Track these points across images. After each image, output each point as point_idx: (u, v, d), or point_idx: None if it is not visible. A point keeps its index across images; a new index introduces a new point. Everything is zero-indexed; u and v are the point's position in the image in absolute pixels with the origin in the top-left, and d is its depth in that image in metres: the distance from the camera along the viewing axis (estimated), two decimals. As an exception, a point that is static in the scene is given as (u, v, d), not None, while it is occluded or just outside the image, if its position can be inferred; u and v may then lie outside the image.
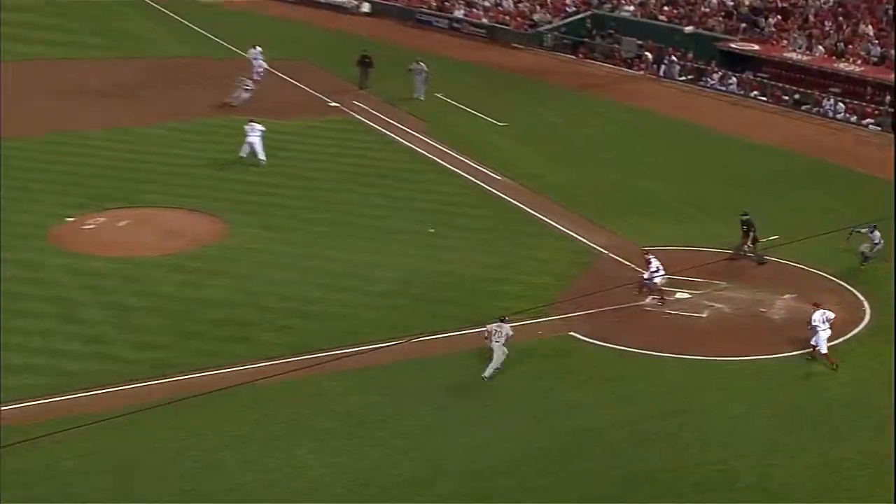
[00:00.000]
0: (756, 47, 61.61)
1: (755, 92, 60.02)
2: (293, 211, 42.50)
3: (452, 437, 28.00)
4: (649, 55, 64.57)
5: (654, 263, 34.97)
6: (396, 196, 44.39)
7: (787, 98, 58.48)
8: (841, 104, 56.23)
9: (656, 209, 43.49)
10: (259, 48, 59.91)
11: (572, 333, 33.13)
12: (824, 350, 31.13)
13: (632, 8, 69.05)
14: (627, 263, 37.14)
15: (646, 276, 34.96)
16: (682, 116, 55.95)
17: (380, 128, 53.37)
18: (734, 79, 60.81)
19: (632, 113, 56.94)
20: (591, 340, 32.80)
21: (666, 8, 67.63)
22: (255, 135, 47.42)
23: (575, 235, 40.59)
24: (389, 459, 27.09)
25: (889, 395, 29.64)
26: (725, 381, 30.98)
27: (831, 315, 31.56)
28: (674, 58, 63.48)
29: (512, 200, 44.14)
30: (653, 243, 39.00)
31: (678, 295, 35.66)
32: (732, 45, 62.28)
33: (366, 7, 78.05)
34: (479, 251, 39.06)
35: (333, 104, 56.83)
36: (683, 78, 63.02)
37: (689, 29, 64.52)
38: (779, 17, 62.93)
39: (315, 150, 49.82)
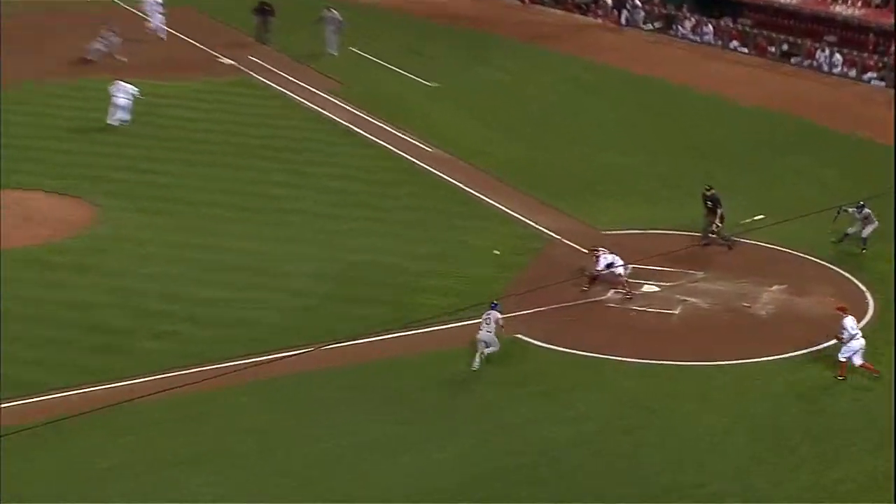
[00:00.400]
0: (737, -12, 62.57)
1: (735, 42, 60.93)
2: (178, 192, 42.45)
3: (380, 461, 28.21)
4: (609, -1, 65.36)
5: (604, 260, 35.40)
6: (305, 172, 44.53)
7: (773, 49, 59.47)
8: (838, 55, 57.26)
9: (618, 186, 44.03)
10: None
11: (519, 336, 33.50)
12: (860, 361, 31.59)
13: (587, -59, 69.73)
14: (585, 251, 37.61)
15: (597, 268, 35.45)
16: (648, 73, 56.54)
17: (283, 89, 53.38)
18: (710, 26, 61.67)
19: (588, 69, 57.46)
20: (541, 344, 33.22)
21: (628, -59, 68.40)
22: (122, 96, 47.32)
23: (521, 218, 41.05)
24: (300, 492, 27.21)
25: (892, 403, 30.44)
26: (702, 389, 31.51)
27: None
28: (638, 2, 64.21)
29: (445, 177, 44.49)
30: (614, 227, 39.67)
31: (645, 288, 36.24)
32: (709, -14, 63.20)
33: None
34: (406, 238, 39.37)
35: (227, 61, 56.73)
36: (650, 26, 63.82)
37: (656, -34, 65.36)
38: (763, -49, 63.93)
39: (204, 118, 49.74)
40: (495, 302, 32.20)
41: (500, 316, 31.84)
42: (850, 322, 31.79)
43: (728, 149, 47.75)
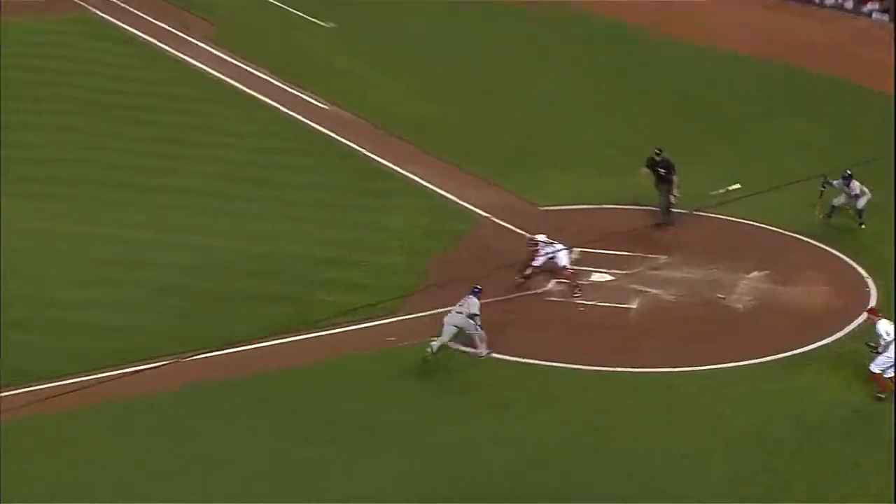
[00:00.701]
0: None
1: (707, -30, 61.44)
2: (15, 165, 42.18)
3: (272, 495, 28.39)
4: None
5: (545, 252, 35.71)
6: (176, 139, 44.47)
7: (752, -22, 60.10)
8: (833, -16, 58.14)
9: (562, 153, 44.43)
10: None
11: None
12: (893, 373, 31.92)
13: None
14: (521, 233, 37.99)
15: (535, 264, 35.84)
16: (602, 11, 56.67)
17: (141, 33, 53.11)
18: (676, -49, 62.13)
19: (523, 6, 57.58)
20: (469, 349, 33.23)
21: None
22: None
23: (444, 194, 41.39)
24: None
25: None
26: (668, 401, 31.78)
27: None
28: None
29: (348, 143, 44.70)
30: (557, 202, 40.01)
31: (595, 277, 36.61)
32: None
33: None
34: (304, 220, 39.55)
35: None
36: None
37: None
38: None
39: (41, 67, 49.56)
40: (478, 287, 32.53)
41: (476, 302, 32.35)
42: (884, 327, 31.95)
43: (697, 106, 48.20)
